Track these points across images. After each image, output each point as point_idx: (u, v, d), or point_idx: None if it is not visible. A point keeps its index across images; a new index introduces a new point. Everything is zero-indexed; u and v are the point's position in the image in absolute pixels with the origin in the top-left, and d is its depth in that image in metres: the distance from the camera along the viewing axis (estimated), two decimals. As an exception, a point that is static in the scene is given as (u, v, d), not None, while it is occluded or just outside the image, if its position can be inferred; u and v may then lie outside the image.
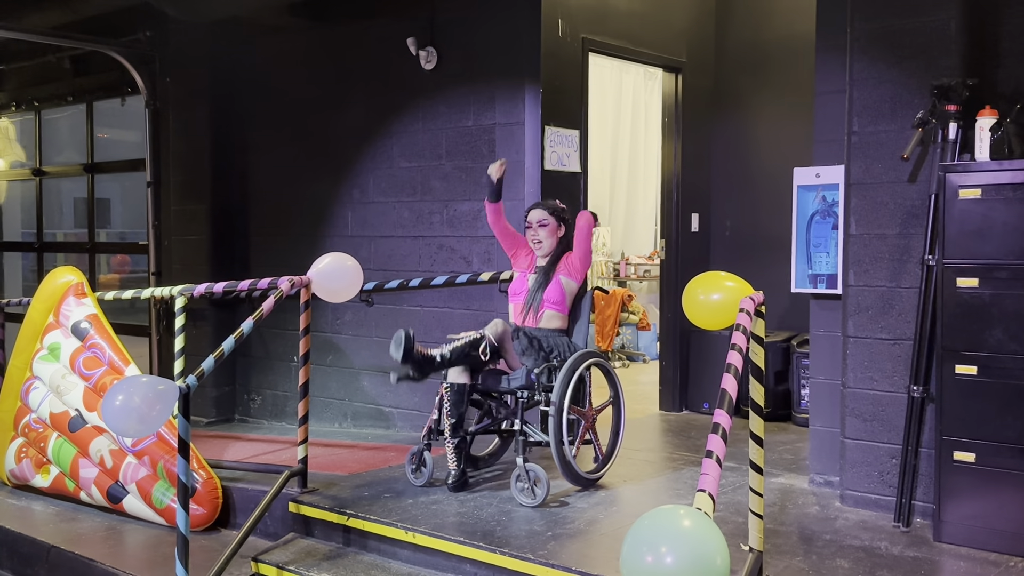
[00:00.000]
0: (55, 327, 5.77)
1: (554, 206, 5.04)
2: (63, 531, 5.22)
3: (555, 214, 5.00)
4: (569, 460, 4.61)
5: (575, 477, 4.71)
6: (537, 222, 4.99)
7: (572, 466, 4.65)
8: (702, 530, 2.07)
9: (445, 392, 4.73)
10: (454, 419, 4.72)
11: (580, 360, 4.72)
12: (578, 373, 4.65)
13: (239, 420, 7.48)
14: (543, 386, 4.65)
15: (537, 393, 4.66)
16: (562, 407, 4.55)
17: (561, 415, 4.55)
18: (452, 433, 4.72)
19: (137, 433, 3.91)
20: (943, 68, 4.21)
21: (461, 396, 4.72)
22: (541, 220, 4.98)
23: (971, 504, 3.97)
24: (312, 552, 4.52)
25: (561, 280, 4.93)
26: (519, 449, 4.59)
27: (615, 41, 6.37)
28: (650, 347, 9.90)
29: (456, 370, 4.72)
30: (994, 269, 3.90)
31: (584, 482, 4.77)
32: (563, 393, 4.57)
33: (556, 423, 4.54)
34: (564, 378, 4.60)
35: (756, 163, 7.06)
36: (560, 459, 4.59)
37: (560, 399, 4.56)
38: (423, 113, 6.33)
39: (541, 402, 4.64)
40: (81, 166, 8.79)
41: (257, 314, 4.42)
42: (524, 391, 4.67)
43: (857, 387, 4.51)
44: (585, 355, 4.78)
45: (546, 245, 4.98)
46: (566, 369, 4.63)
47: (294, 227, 7.11)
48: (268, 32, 7.10)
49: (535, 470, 4.52)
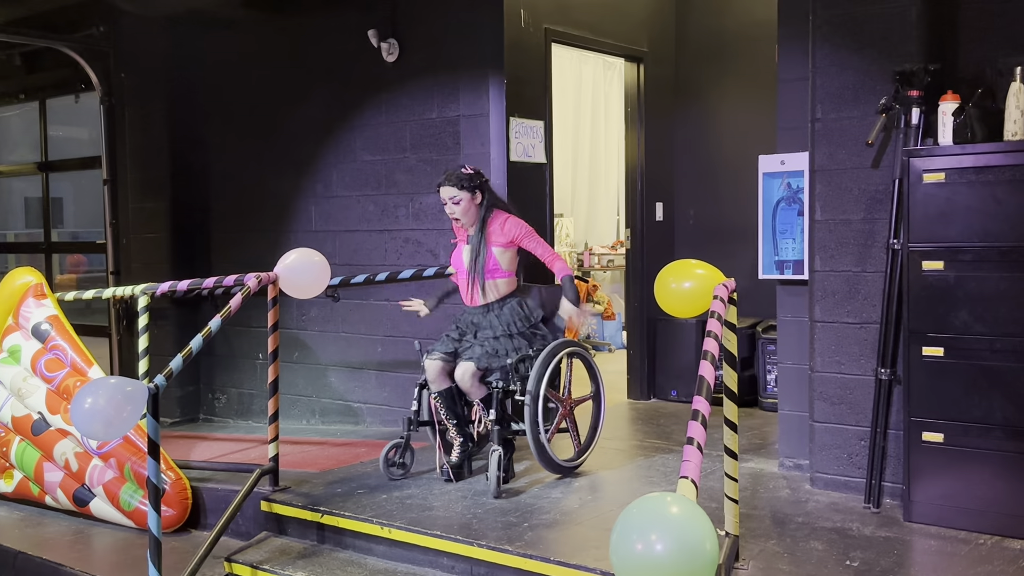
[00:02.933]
0: (15, 329, 5.65)
1: (460, 176, 4.76)
2: (29, 536, 5.13)
3: (464, 187, 4.75)
4: (545, 447, 4.63)
5: (552, 465, 4.74)
6: (450, 199, 4.77)
7: (548, 453, 4.67)
8: (690, 516, 2.08)
9: (435, 401, 4.79)
10: (455, 419, 4.80)
11: (558, 349, 4.72)
12: (554, 362, 4.66)
13: (204, 419, 7.39)
14: (519, 375, 4.66)
15: (512, 383, 4.66)
16: (538, 395, 4.56)
17: (537, 403, 4.56)
18: (459, 432, 4.82)
19: (107, 436, 3.85)
20: (905, 54, 4.26)
21: (451, 398, 4.78)
22: (453, 197, 4.75)
23: (940, 484, 4.04)
24: (286, 550, 4.48)
25: (494, 251, 4.78)
26: (494, 438, 4.59)
27: (577, 31, 6.38)
28: (615, 336, 9.95)
29: (436, 379, 4.76)
30: (958, 252, 3.96)
31: (561, 470, 4.79)
32: (539, 381, 4.58)
33: (532, 411, 4.56)
34: (540, 366, 4.61)
35: (719, 151, 7.11)
36: (536, 446, 4.61)
37: (536, 387, 4.57)
38: (386, 106, 6.29)
39: (516, 391, 4.65)
40: (35, 164, 8.61)
41: (224, 312, 4.37)
42: (500, 382, 4.67)
43: (825, 371, 4.57)
44: (563, 344, 4.79)
45: (466, 219, 4.80)
46: (542, 358, 4.64)
47: (257, 223, 7.02)
48: (225, 26, 7.00)
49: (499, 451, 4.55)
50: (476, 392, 4.68)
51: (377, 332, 6.41)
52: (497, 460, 4.51)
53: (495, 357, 4.67)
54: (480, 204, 4.81)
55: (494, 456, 4.52)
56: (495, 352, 4.69)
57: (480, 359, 4.66)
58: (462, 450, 4.86)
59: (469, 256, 4.82)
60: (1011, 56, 4.18)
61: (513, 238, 4.80)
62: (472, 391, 4.68)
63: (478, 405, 4.73)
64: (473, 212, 4.80)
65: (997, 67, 4.24)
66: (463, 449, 4.86)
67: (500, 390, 4.66)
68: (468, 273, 4.82)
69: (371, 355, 6.45)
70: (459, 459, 4.85)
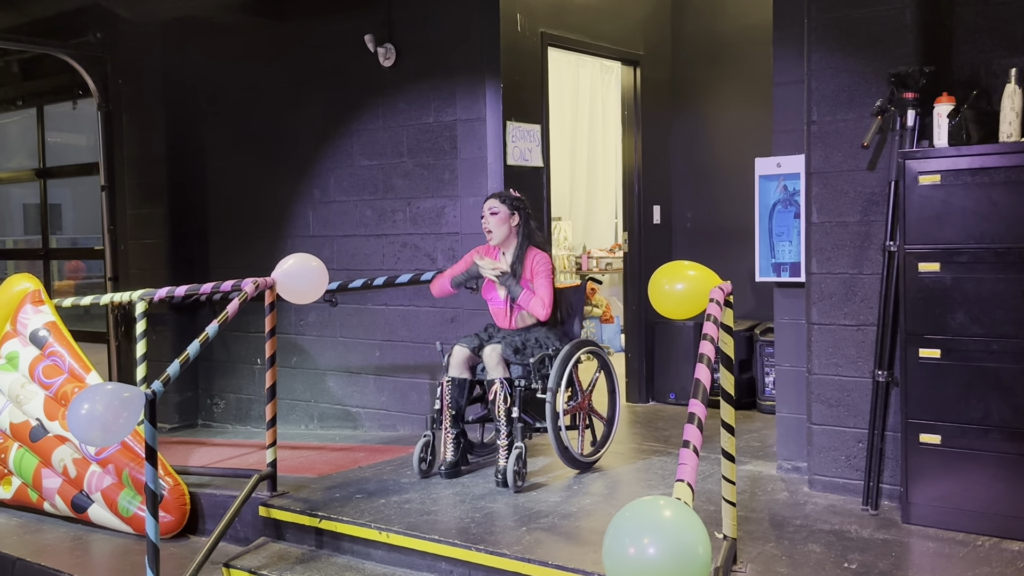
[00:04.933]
0: (12, 336, 5.65)
1: (507, 195, 5.07)
2: (28, 543, 5.12)
3: (506, 202, 5.02)
4: (567, 444, 4.80)
5: (573, 461, 4.92)
6: (489, 210, 5.03)
7: (570, 450, 4.84)
8: (683, 520, 2.08)
9: (446, 384, 4.90)
10: (454, 411, 4.90)
11: (575, 348, 4.90)
12: (573, 360, 4.84)
13: (202, 425, 7.39)
14: (540, 374, 4.81)
15: (534, 381, 4.81)
16: (557, 391, 4.72)
17: (556, 400, 4.71)
18: (452, 424, 4.91)
19: (104, 442, 3.84)
20: (900, 56, 4.27)
21: (462, 389, 4.91)
22: (492, 208, 5.02)
23: (938, 485, 4.04)
24: (285, 556, 4.48)
25: (528, 285, 4.99)
26: (516, 435, 4.72)
27: (573, 35, 6.38)
28: (614, 339, 9.94)
29: (458, 365, 4.91)
30: (954, 253, 3.96)
31: (580, 465, 4.98)
32: (559, 379, 4.74)
33: (552, 409, 4.70)
34: (560, 365, 4.77)
35: (715, 154, 7.12)
36: (558, 444, 4.77)
37: (556, 385, 4.72)
38: (383, 111, 6.29)
39: (538, 390, 4.80)
40: (33, 171, 8.62)
41: (222, 317, 4.37)
42: (521, 380, 4.79)
43: (822, 373, 4.57)
44: (580, 344, 4.96)
45: (497, 234, 5.01)
46: (561, 357, 4.80)
47: (254, 228, 7.03)
48: (222, 32, 7.01)
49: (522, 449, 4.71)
50: (497, 370, 4.78)
51: (375, 337, 6.41)
52: (517, 457, 4.65)
53: (520, 352, 4.83)
54: (516, 227, 5.02)
55: (514, 453, 4.66)
56: (522, 347, 4.85)
57: (506, 348, 4.81)
58: (455, 446, 4.95)
59: (504, 290, 4.99)
60: (1005, 58, 4.19)
61: (533, 270, 4.98)
62: (494, 370, 4.78)
63: (499, 383, 4.77)
64: (505, 230, 5.01)
65: (992, 69, 4.24)
66: (456, 445, 4.95)
67: (522, 388, 4.78)
68: (505, 303, 5.02)
69: (369, 360, 6.45)
70: (454, 456, 4.95)
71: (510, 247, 5.07)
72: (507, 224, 5.01)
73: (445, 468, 4.92)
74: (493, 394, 4.79)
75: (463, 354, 4.93)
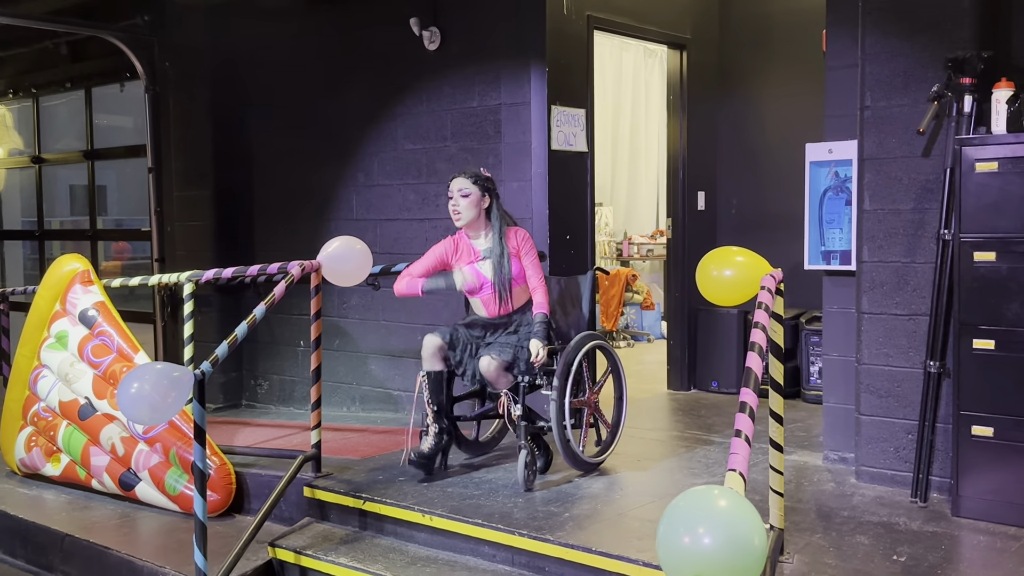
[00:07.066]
0: (62, 315, 5.73)
1: (477, 173, 4.75)
2: (76, 519, 5.21)
3: (478, 182, 4.71)
4: (571, 444, 4.57)
5: (577, 461, 4.67)
6: (458, 191, 4.72)
7: (574, 451, 4.61)
8: (739, 510, 2.05)
9: (422, 380, 4.69)
10: (435, 406, 4.68)
11: (582, 343, 4.64)
12: (580, 356, 4.60)
13: (247, 406, 7.46)
14: (544, 369, 4.60)
15: (540, 377, 4.62)
16: (564, 390, 4.50)
17: (562, 399, 4.50)
18: (435, 419, 4.69)
19: (152, 421, 3.89)
20: (957, 41, 4.17)
21: (439, 384, 4.69)
22: (462, 190, 4.71)
23: (989, 478, 3.97)
24: (329, 536, 4.51)
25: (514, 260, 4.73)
26: (521, 435, 4.53)
27: (620, 18, 6.32)
28: (654, 326, 9.90)
29: (430, 357, 4.67)
30: (1011, 243, 3.88)
31: (586, 467, 4.73)
32: (565, 377, 4.51)
33: (558, 407, 4.48)
34: (565, 362, 4.54)
35: (762, 140, 7.02)
36: (562, 443, 4.54)
37: (562, 383, 4.50)
38: (427, 95, 6.28)
39: (543, 386, 4.62)
40: (81, 153, 8.73)
41: (269, 299, 4.39)
42: (525, 376, 4.60)
43: (872, 363, 4.50)
44: (586, 338, 4.70)
45: (465, 216, 4.72)
46: (567, 352, 4.57)
47: (298, 211, 7.06)
48: (268, 14, 7.03)
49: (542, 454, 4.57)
50: (502, 382, 4.57)
51: (417, 321, 6.42)
52: (524, 459, 4.46)
53: (519, 348, 4.59)
54: (486, 209, 4.76)
55: (521, 454, 4.48)
56: (519, 344, 4.61)
57: (503, 351, 4.57)
58: (436, 441, 4.70)
59: (494, 268, 4.73)
60: (1068, 42, 4.09)
61: (519, 248, 4.75)
62: (498, 382, 4.57)
63: (505, 395, 4.60)
64: (474, 213, 4.72)
65: (1053, 54, 4.14)
66: (437, 440, 4.70)
67: (526, 384, 4.60)
68: (495, 285, 4.73)
69: (411, 343, 6.46)
70: (431, 450, 4.69)
71: (478, 230, 4.78)
72: (478, 207, 4.71)
73: (416, 456, 4.65)
74: (502, 407, 4.59)
75: (434, 344, 4.65)
